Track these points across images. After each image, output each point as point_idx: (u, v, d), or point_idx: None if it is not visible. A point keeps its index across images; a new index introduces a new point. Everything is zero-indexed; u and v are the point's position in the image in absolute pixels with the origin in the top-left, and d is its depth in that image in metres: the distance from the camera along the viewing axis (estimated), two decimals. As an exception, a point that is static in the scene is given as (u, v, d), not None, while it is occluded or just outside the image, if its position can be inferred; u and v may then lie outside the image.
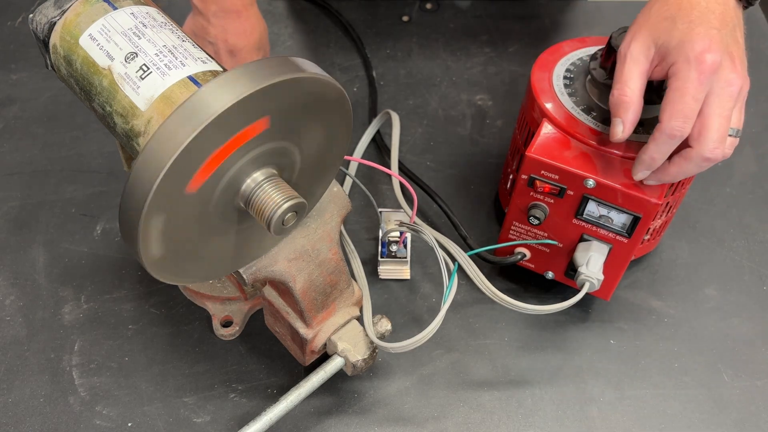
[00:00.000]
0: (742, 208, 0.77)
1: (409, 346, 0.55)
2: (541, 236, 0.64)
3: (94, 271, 0.69)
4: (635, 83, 0.54)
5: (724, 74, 0.52)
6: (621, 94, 0.54)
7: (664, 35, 0.53)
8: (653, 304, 0.69)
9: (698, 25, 0.52)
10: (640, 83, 0.54)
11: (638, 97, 0.54)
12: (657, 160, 0.54)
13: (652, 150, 0.54)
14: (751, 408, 0.62)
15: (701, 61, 0.51)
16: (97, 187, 0.76)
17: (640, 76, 0.54)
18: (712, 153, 0.52)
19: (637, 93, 0.54)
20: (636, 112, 0.54)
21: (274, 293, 0.58)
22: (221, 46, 0.74)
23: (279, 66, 0.42)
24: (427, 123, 0.84)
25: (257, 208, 0.46)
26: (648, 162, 0.54)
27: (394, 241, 0.69)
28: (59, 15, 0.51)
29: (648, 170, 0.55)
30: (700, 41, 0.51)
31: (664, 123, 0.52)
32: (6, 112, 0.84)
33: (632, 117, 0.54)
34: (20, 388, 0.61)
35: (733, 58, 0.53)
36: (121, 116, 0.48)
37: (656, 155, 0.54)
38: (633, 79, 0.54)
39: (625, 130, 0.55)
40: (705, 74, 0.51)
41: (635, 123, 0.55)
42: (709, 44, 0.51)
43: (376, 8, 0.98)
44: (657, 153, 0.54)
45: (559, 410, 0.62)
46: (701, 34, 0.52)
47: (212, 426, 0.60)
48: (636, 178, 0.56)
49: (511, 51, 0.93)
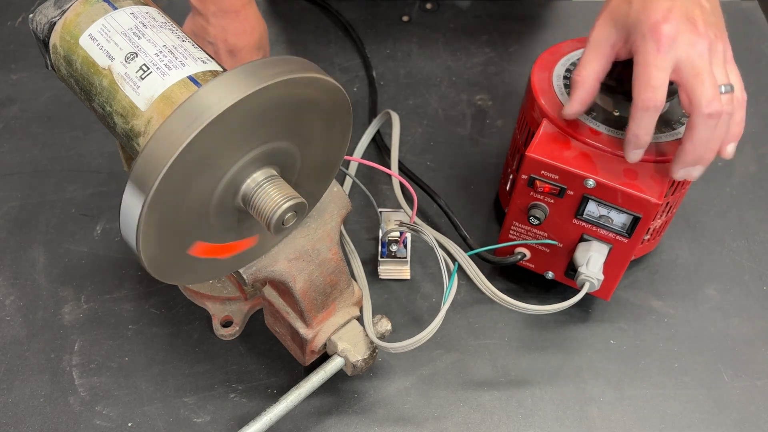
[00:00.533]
0: (742, 208, 0.77)
1: (409, 346, 0.55)
2: (541, 236, 0.64)
3: (94, 271, 0.69)
4: (591, 65, 0.57)
5: (684, 38, 0.52)
6: (575, 74, 0.58)
7: (622, 17, 0.55)
8: (653, 304, 0.69)
9: (651, 0, 0.53)
10: (597, 66, 0.57)
11: (592, 79, 0.57)
12: (641, 136, 0.55)
13: (633, 127, 0.54)
14: (751, 408, 0.62)
15: (656, 32, 0.52)
16: (97, 187, 0.76)
17: (598, 59, 0.57)
18: (710, 107, 0.52)
19: (592, 75, 0.57)
20: (587, 92, 0.57)
21: (274, 293, 0.58)
22: (221, 46, 0.74)
23: (279, 66, 0.42)
24: (427, 123, 0.84)
25: (257, 208, 0.46)
26: (633, 140, 0.55)
27: (394, 241, 0.69)
28: (59, 15, 0.51)
29: (637, 149, 0.56)
30: (653, 14, 0.53)
31: (635, 98, 0.54)
32: (6, 112, 0.84)
33: (581, 95, 0.58)
34: (20, 388, 0.62)
35: (694, 21, 0.53)
36: (121, 116, 0.48)
37: (638, 131, 0.54)
38: (590, 62, 0.57)
39: (572, 106, 0.58)
40: (662, 43, 0.52)
41: (585, 102, 0.58)
42: (663, 15, 0.52)
43: (376, 8, 0.98)
44: (638, 129, 0.54)
45: (559, 410, 0.62)
46: (655, 7, 0.53)
47: (212, 426, 0.60)
48: (631, 160, 0.56)
49: (511, 51, 0.93)
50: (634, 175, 0.57)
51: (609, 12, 0.57)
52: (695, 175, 0.57)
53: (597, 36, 0.57)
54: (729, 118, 0.54)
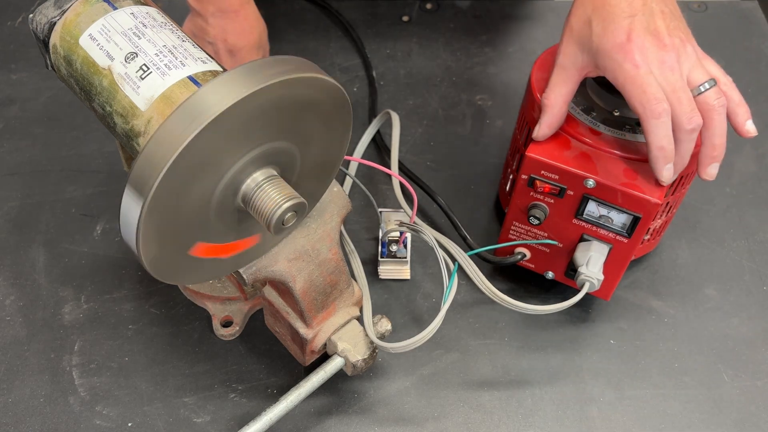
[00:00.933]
0: (742, 208, 0.77)
1: (409, 346, 0.55)
2: (541, 236, 0.64)
3: (94, 271, 0.69)
4: (559, 89, 0.58)
5: (653, 56, 0.53)
6: (544, 97, 0.59)
7: (586, 41, 0.56)
8: (653, 304, 0.69)
9: (610, 22, 0.54)
10: (564, 89, 0.58)
11: (560, 103, 0.58)
12: (666, 147, 0.54)
13: (655, 140, 0.54)
14: (751, 408, 0.62)
15: (626, 51, 0.53)
16: (97, 187, 0.76)
17: (565, 83, 0.58)
18: (690, 123, 0.53)
19: (560, 99, 0.58)
20: (554, 116, 0.58)
21: (274, 293, 0.58)
22: (221, 46, 0.74)
23: (279, 66, 0.42)
24: (427, 123, 0.84)
25: (257, 208, 0.46)
26: (660, 154, 0.54)
27: (394, 241, 0.69)
28: (59, 15, 0.51)
29: (666, 161, 0.55)
30: (616, 36, 0.54)
31: (641, 113, 0.54)
32: (6, 112, 0.84)
33: (549, 119, 0.58)
34: (20, 388, 0.62)
35: (657, 33, 0.54)
36: (121, 116, 0.48)
37: (661, 142, 0.54)
38: (557, 85, 0.58)
39: (540, 129, 0.59)
40: (637, 60, 0.53)
41: (553, 126, 0.59)
42: (627, 35, 0.53)
43: (376, 8, 0.98)
44: (660, 139, 0.54)
45: (559, 410, 0.62)
46: (615, 29, 0.54)
47: (212, 426, 0.60)
48: (666, 179, 0.56)
49: (511, 51, 0.93)
50: (634, 175, 0.57)
51: (571, 34, 0.57)
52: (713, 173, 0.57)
53: (563, 59, 0.58)
54: (724, 110, 0.55)
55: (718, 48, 0.92)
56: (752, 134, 0.57)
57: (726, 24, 0.96)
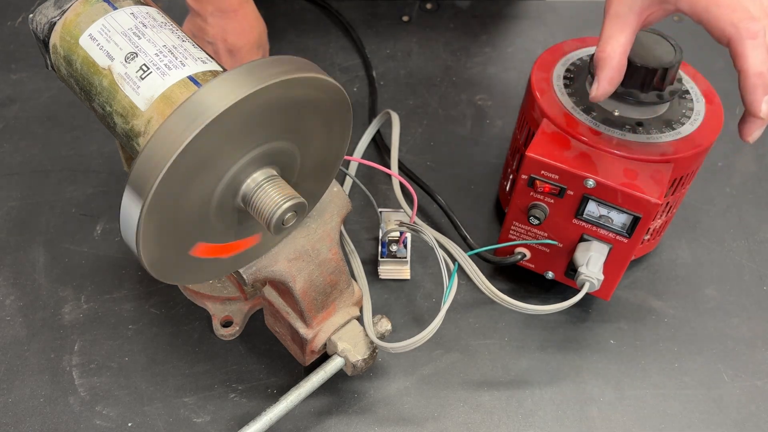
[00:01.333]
0: (742, 208, 0.77)
1: (409, 346, 0.55)
2: (541, 236, 0.64)
3: (94, 271, 0.69)
4: (617, 39, 0.51)
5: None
6: (599, 50, 0.52)
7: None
8: (653, 304, 0.69)
9: None
10: (623, 38, 0.51)
11: (619, 54, 0.51)
12: (765, 73, 0.47)
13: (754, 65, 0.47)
14: (751, 408, 0.62)
15: None
16: (97, 187, 0.76)
17: (623, 31, 0.51)
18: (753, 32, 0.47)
19: (618, 49, 0.51)
20: (614, 69, 0.52)
21: (274, 293, 0.58)
22: (220, 45, 0.74)
23: (279, 66, 0.42)
24: (427, 123, 0.84)
25: (257, 208, 0.46)
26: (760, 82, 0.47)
27: (394, 241, 0.69)
28: (59, 15, 0.51)
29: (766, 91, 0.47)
30: None
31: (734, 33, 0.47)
32: (6, 112, 0.84)
33: (609, 73, 0.52)
34: (20, 388, 0.62)
35: None
36: (121, 116, 0.48)
37: (761, 68, 0.47)
38: (615, 35, 0.51)
39: (600, 86, 0.52)
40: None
41: (614, 81, 0.52)
42: None
43: (376, 8, 0.98)
44: (760, 64, 0.47)
45: (559, 410, 0.62)
46: None
47: (212, 426, 0.60)
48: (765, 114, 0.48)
49: (510, 51, 0.93)
50: (634, 175, 0.57)
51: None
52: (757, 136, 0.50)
53: (617, 7, 0.51)
54: None
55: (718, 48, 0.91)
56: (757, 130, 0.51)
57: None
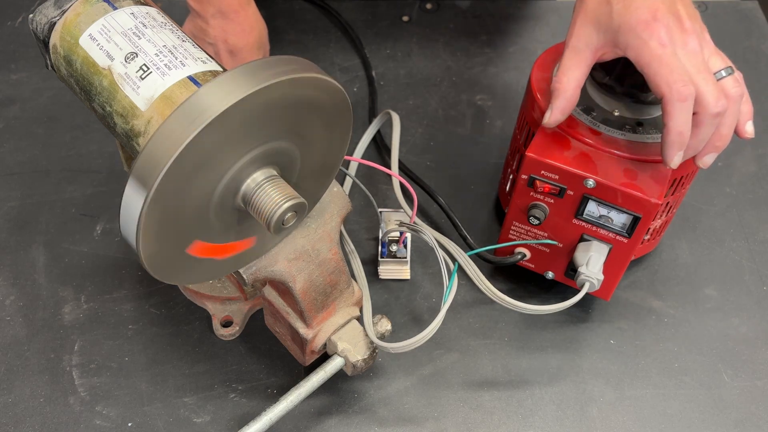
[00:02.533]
0: (742, 208, 0.77)
1: (409, 346, 0.55)
2: (541, 236, 0.64)
3: (94, 271, 0.69)
4: (572, 73, 0.56)
5: (677, 39, 0.52)
6: (555, 81, 0.57)
7: (604, 19, 0.54)
8: (653, 304, 0.69)
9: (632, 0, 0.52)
10: (578, 72, 0.56)
11: (573, 87, 0.56)
12: (684, 133, 0.52)
13: (675, 125, 0.52)
14: (751, 408, 0.62)
15: (652, 29, 0.51)
16: (97, 187, 0.76)
17: (579, 66, 0.56)
18: (717, 106, 0.52)
19: (573, 82, 0.56)
20: (567, 100, 0.56)
21: (274, 293, 0.58)
22: (221, 46, 0.74)
23: (279, 66, 0.42)
24: (427, 123, 0.84)
25: (257, 207, 0.46)
26: (678, 140, 0.52)
27: (394, 241, 0.69)
28: (59, 15, 0.51)
29: (680, 149, 0.53)
30: (641, 13, 0.52)
31: (666, 94, 0.51)
32: (6, 112, 0.84)
33: (562, 104, 0.56)
34: (20, 388, 0.62)
35: (679, 17, 0.52)
36: (121, 116, 0.48)
37: (681, 128, 0.52)
38: (571, 69, 0.56)
39: (552, 114, 0.57)
40: (662, 38, 0.51)
41: (566, 111, 0.57)
42: (652, 14, 0.52)
43: (376, 8, 0.98)
44: (681, 125, 0.52)
45: (559, 410, 0.62)
46: (639, 6, 0.52)
47: (212, 426, 0.60)
48: (675, 164, 0.54)
49: (511, 51, 0.93)
50: (634, 175, 0.57)
51: (586, 13, 0.55)
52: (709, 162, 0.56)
53: (576, 41, 0.55)
54: (741, 100, 0.53)
55: (718, 48, 0.92)
56: (749, 136, 0.56)
57: (726, 24, 0.96)
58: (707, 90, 0.51)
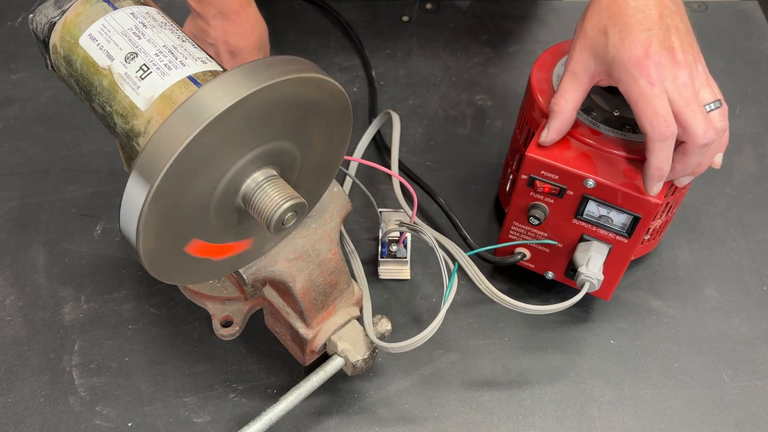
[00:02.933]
0: (742, 208, 0.77)
1: (409, 346, 0.55)
2: (541, 236, 0.64)
3: (94, 271, 0.69)
4: (570, 95, 0.58)
5: (668, 72, 0.53)
6: (553, 102, 0.58)
7: (601, 50, 0.55)
8: (653, 304, 0.69)
9: (628, 33, 0.53)
10: (576, 95, 0.58)
11: (570, 109, 0.58)
12: (664, 168, 0.54)
13: (656, 161, 0.54)
14: (751, 408, 0.62)
15: (643, 68, 0.53)
16: (97, 187, 0.76)
17: (576, 90, 0.57)
18: (705, 138, 0.53)
19: (570, 105, 0.58)
20: (564, 122, 0.58)
21: (274, 293, 0.58)
22: (222, 47, 0.74)
23: (279, 66, 0.42)
24: (427, 123, 0.84)
25: (257, 207, 0.46)
26: (657, 174, 0.55)
27: (394, 241, 0.69)
28: (59, 15, 0.51)
29: (660, 181, 0.55)
30: (633, 49, 0.53)
31: (649, 132, 0.53)
32: (6, 112, 0.84)
33: (558, 125, 0.58)
34: (20, 388, 0.62)
35: (672, 50, 0.53)
36: (121, 116, 0.48)
37: (661, 164, 0.54)
38: (569, 92, 0.58)
39: (549, 134, 0.59)
40: (652, 77, 0.53)
41: (561, 132, 0.59)
42: (644, 50, 0.53)
43: (376, 8, 0.98)
44: (661, 161, 0.54)
45: (559, 410, 0.62)
46: (633, 41, 0.53)
47: (212, 426, 0.60)
48: (655, 193, 0.56)
49: (511, 51, 0.93)
50: (634, 175, 0.57)
51: (585, 41, 0.56)
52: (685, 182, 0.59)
53: (575, 66, 0.57)
54: (724, 134, 0.56)
55: (718, 48, 0.92)
56: (717, 167, 0.59)
57: (726, 24, 0.96)
58: (696, 123, 0.53)
